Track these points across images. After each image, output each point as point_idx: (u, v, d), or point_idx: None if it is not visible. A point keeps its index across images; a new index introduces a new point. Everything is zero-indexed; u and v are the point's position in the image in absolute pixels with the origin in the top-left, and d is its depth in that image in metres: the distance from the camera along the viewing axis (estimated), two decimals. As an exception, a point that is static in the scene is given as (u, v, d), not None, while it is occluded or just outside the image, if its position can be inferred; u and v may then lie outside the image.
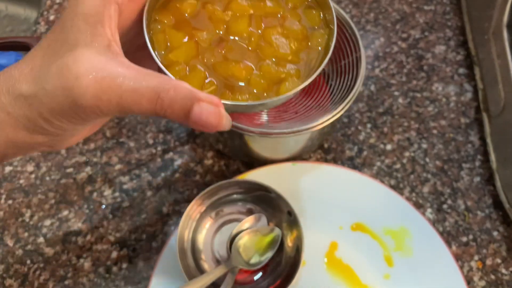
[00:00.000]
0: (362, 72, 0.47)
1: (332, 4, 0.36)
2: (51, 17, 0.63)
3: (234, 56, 0.33)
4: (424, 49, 0.63)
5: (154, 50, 0.32)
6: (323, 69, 0.47)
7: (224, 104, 0.29)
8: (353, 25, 0.49)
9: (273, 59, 0.34)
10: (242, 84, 0.33)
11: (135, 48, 0.33)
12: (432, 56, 0.63)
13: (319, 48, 0.35)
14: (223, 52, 0.33)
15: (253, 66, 0.34)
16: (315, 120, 0.44)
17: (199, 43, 0.33)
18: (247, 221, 0.47)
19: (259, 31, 0.35)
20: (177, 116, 0.27)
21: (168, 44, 0.33)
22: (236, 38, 0.34)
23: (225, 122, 0.28)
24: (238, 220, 0.48)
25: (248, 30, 0.34)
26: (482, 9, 0.61)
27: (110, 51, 0.27)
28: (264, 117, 0.51)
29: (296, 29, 0.35)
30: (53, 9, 0.63)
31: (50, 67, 0.27)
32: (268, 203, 0.47)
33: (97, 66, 0.26)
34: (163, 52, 0.33)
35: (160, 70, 0.30)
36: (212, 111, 0.27)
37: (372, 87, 0.60)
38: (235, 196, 0.48)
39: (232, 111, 0.31)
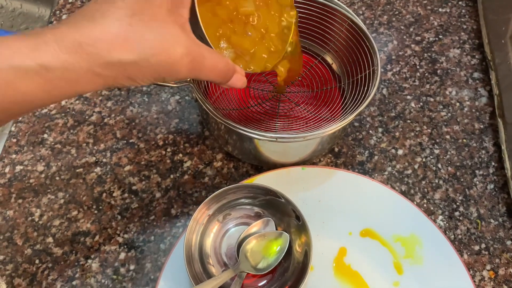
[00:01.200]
0: (377, 82, 0.46)
1: None
2: (64, 16, 0.63)
3: (241, 30, 0.43)
4: (438, 53, 0.62)
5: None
6: (340, 84, 0.54)
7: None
8: (372, 40, 0.49)
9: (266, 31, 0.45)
10: (249, 52, 0.44)
11: None
12: (446, 59, 0.61)
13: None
14: (233, 26, 0.43)
15: (256, 38, 0.44)
16: (325, 127, 0.44)
17: (220, 17, 0.42)
18: (255, 226, 0.47)
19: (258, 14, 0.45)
20: (220, 81, 0.38)
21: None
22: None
23: (244, 84, 0.40)
24: (246, 224, 0.47)
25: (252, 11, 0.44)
26: (499, 12, 0.60)
27: (186, 29, 0.34)
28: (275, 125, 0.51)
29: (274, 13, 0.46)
30: (65, 8, 0.64)
31: (150, 41, 0.31)
32: (276, 207, 0.47)
33: (189, 46, 0.33)
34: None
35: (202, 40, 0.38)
36: (241, 79, 0.39)
37: (384, 91, 0.59)
38: (243, 200, 0.47)
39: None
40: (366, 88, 0.47)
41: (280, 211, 0.47)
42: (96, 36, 0.30)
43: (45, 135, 0.54)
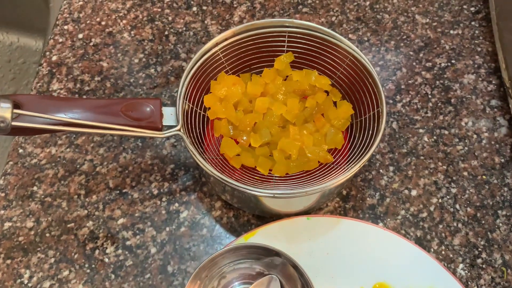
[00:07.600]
0: (383, 127, 0.42)
1: None
2: (54, 58, 0.60)
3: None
4: (451, 79, 0.58)
5: None
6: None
7: None
8: (376, 76, 0.45)
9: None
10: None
11: None
12: (460, 87, 0.57)
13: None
14: None
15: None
16: (327, 181, 0.40)
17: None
18: (257, 285, 0.43)
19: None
20: None
21: None
22: None
23: None
24: (249, 283, 0.44)
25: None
26: (516, 34, 0.55)
27: None
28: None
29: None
30: (55, 49, 0.61)
31: None
32: (278, 265, 0.43)
33: None
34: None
35: None
36: None
37: (394, 125, 0.55)
38: (241, 260, 0.44)
39: None
40: (372, 132, 0.43)
41: (284, 268, 0.43)
42: None
43: (35, 188, 0.51)
